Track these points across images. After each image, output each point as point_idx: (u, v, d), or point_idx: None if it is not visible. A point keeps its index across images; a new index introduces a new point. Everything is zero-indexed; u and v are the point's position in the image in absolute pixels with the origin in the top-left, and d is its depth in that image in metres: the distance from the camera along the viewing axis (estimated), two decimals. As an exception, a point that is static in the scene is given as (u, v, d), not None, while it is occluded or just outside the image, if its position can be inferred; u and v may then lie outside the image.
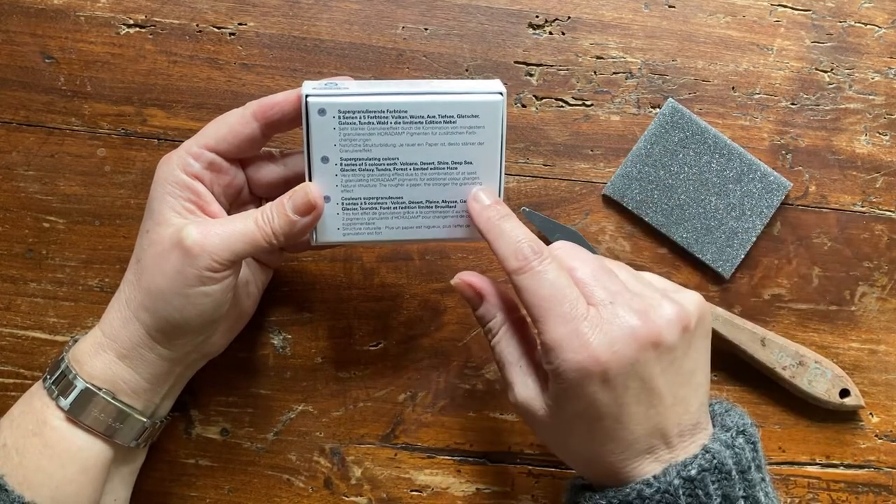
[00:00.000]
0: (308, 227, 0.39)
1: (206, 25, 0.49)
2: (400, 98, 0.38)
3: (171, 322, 0.38)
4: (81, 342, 0.40)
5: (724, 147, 0.49)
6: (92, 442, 0.39)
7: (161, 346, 0.39)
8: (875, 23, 0.51)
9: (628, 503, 0.35)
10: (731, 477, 0.35)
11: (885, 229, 0.51)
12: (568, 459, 0.39)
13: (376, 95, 0.38)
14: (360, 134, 0.38)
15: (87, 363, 0.39)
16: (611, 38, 0.50)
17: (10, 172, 0.48)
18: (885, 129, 0.51)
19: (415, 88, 0.39)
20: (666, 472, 0.34)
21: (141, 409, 0.40)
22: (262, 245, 0.38)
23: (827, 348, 0.50)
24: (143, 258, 0.39)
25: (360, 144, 0.39)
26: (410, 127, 0.38)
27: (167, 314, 0.38)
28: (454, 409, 0.49)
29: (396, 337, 0.49)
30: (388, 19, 0.49)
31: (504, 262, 0.37)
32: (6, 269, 0.48)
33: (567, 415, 0.36)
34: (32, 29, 0.48)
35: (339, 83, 0.40)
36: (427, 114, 0.38)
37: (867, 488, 0.50)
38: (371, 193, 0.40)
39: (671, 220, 0.49)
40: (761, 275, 0.50)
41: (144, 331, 0.39)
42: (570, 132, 0.50)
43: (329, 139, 0.38)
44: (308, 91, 0.38)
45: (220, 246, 0.37)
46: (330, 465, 0.48)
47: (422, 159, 0.39)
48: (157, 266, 0.38)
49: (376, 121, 0.38)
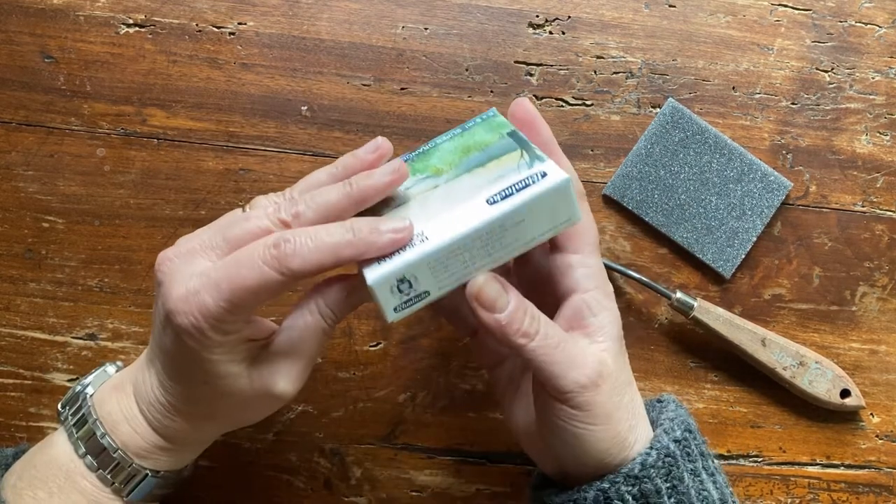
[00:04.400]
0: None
1: (205, 25, 0.49)
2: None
3: (237, 427, 0.40)
4: (125, 427, 0.38)
5: (725, 147, 0.49)
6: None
7: (221, 432, 0.41)
8: (875, 22, 0.51)
9: (634, 476, 0.36)
10: (697, 437, 0.38)
11: (886, 229, 0.51)
12: (562, 461, 0.39)
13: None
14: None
15: (149, 458, 0.38)
16: (611, 38, 0.50)
17: (10, 172, 0.48)
18: (886, 129, 0.51)
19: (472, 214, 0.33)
20: (658, 438, 0.37)
21: (183, 468, 0.41)
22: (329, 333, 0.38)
23: (827, 348, 0.50)
24: (209, 404, 0.36)
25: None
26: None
27: (236, 426, 0.40)
28: (454, 409, 0.49)
29: (396, 337, 0.49)
30: (388, 19, 0.49)
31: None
32: (6, 269, 0.48)
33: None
34: (32, 28, 0.48)
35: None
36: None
37: (868, 489, 0.50)
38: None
39: (671, 220, 0.49)
40: (762, 275, 0.50)
41: (207, 439, 0.40)
42: (571, 132, 0.50)
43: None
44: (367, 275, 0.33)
45: (305, 377, 0.37)
46: (330, 465, 0.48)
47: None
48: (238, 411, 0.37)
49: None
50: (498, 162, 0.35)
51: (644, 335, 0.49)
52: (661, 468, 0.36)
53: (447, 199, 0.35)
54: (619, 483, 0.36)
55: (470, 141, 0.38)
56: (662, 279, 0.50)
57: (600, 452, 0.37)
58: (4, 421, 0.48)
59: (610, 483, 0.36)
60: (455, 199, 0.34)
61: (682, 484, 0.36)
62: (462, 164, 0.36)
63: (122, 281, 0.48)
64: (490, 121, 0.39)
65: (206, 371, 0.35)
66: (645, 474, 0.36)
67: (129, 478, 0.38)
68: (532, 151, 0.35)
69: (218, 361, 0.34)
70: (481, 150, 0.36)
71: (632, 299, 0.49)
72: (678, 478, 0.36)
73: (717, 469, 0.39)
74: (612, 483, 0.36)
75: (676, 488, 0.36)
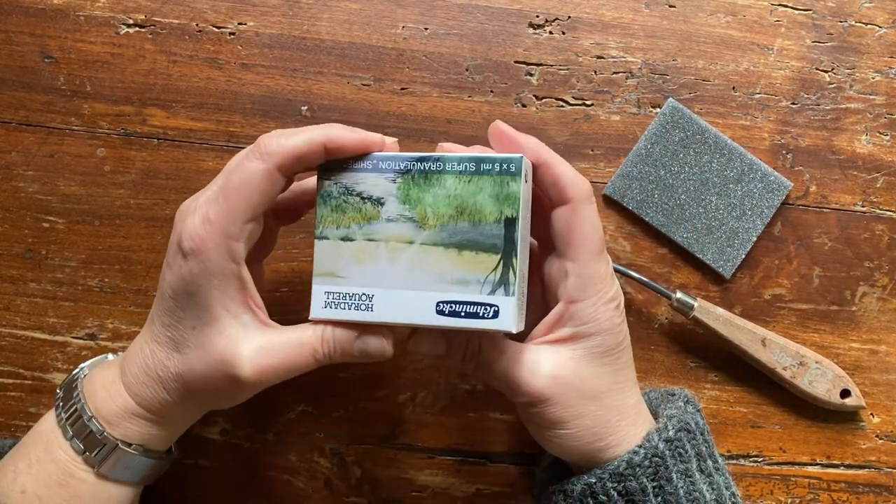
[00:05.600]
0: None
1: (205, 25, 0.49)
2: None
3: (218, 406, 0.40)
4: (102, 393, 0.38)
5: (725, 147, 0.49)
6: (122, 489, 0.39)
7: (199, 413, 0.41)
8: (875, 22, 0.51)
9: (619, 474, 0.37)
10: (697, 437, 0.38)
11: (886, 229, 0.51)
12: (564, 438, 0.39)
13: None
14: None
15: (119, 425, 0.38)
16: (611, 38, 0.50)
17: (10, 172, 0.48)
18: (886, 129, 0.51)
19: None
20: (649, 438, 0.37)
21: (169, 450, 0.41)
22: (312, 369, 0.38)
23: (827, 348, 0.50)
24: (189, 359, 0.36)
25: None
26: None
27: (215, 406, 0.40)
28: (454, 409, 0.49)
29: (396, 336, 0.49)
30: (388, 19, 0.49)
31: (564, 185, 0.37)
32: (6, 269, 0.48)
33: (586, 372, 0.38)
34: (32, 29, 0.48)
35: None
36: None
37: (868, 489, 0.50)
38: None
39: (671, 220, 0.49)
40: (762, 275, 0.50)
41: (192, 410, 0.40)
42: (571, 132, 0.50)
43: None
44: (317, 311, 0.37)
45: (273, 380, 0.37)
46: (330, 465, 0.48)
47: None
48: (204, 381, 0.37)
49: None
50: (474, 258, 0.35)
51: (644, 335, 0.49)
52: (648, 468, 0.37)
53: (411, 271, 0.36)
54: (604, 479, 0.37)
55: (470, 200, 0.36)
56: (662, 279, 0.50)
57: (573, 452, 0.38)
58: (4, 421, 0.48)
59: (596, 479, 0.37)
60: (415, 279, 0.36)
61: (669, 484, 0.37)
62: (446, 231, 0.36)
63: (122, 281, 0.48)
64: (505, 181, 0.36)
65: (199, 307, 0.35)
66: (630, 473, 0.36)
67: (100, 446, 0.37)
68: (507, 268, 0.35)
69: (214, 295, 0.35)
70: (472, 224, 0.36)
71: (632, 299, 0.49)
72: (665, 478, 0.37)
73: (718, 470, 0.39)
74: (598, 479, 0.37)
75: (663, 488, 0.37)
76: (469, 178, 0.36)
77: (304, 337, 0.37)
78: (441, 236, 0.36)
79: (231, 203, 0.35)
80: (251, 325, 0.36)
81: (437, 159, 0.36)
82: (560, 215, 0.37)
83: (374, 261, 0.37)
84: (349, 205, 0.37)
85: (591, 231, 0.37)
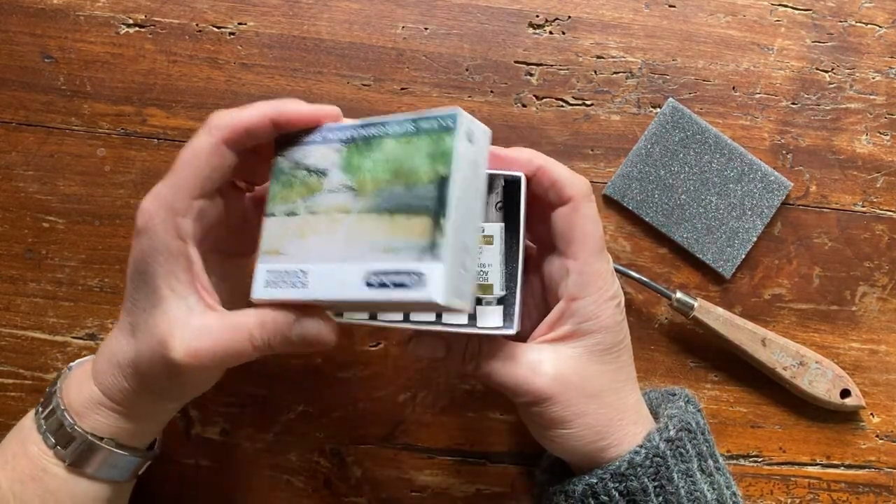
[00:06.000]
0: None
1: (205, 25, 0.49)
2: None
3: (178, 399, 0.40)
4: (75, 386, 0.38)
5: (725, 147, 0.49)
6: (96, 486, 0.38)
7: (168, 403, 0.40)
8: (876, 22, 0.51)
9: (621, 474, 0.37)
10: (697, 437, 0.38)
11: (886, 229, 0.51)
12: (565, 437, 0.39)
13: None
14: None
15: (88, 417, 0.37)
16: (611, 38, 0.50)
17: (10, 172, 0.48)
18: (886, 129, 0.51)
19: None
20: (650, 437, 0.37)
21: (143, 446, 0.40)
22: (252, 358, 0.36)
23: (827, 348, 0.50)
24: (139, 342, 0.36)
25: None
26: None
27: (173, 396, 0.39)
28: (454, 409, 0.49)
29: (396, 337, 0.49)
30: (388, 19, 0.49)
31: (562, 186, 0.37)
32: (6, 269, 0.48)
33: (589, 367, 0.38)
34: (32, 29, 0.48)
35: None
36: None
37: (868, 489, 0.50)
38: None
39: (671, 220, 0.49)
40: (762, 275, 0.50)
41: (145, 402, 0.38)
42: (571, 132, 0.50)
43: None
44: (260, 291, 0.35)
45: (210, 365, 0.35)
46: (330, 465, 0.48)
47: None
48: (148, 366, 0.35)
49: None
50: (406, 222, 0.32)
51: (644, 335, 0.49)
52: (649, 467, 0.37)
53: (344, 242, 0.34)
54: (606, 479, 0.37)
55: (406, 163, 0.33)
56: (662, 279, 0.50)
57: (574, 452, 0.38)
58: (4, 421, 0.47)
59: (598, 479, 0.37)
60: (347, 251, 0.33)
61: (670, 484, 0.37)
62: (381, 196, 0.33)
63: (122, 281, 0.48)
64: (440, 138, 0.32)
65: (148, 287, 0.35)
66: (632, 473, 0.36)
67: (70, 439, 0.37)
68: (436, 231, 0.31)
69: (160, 274, 0.34)
70: (406, 187, 0.33)
71: (632, 299, 0.49)
72: (667, 478, 0.37)
73: (719, 470, 0.39)
74: (599, 479, 0.37)
75: (664, 488, 0.37)
76: (408, 139, 0.33)
77: (243, 321, 0.35)
78: (376, 202, 0.33)
79: (178, 178, 0.35)
80: (195, 308, 0.35)
81: (380, 123, 0.34)
82: (560, 214, 0.37)
83: (315, 235, 0.35)
84: (297, 179, 0.36)
85: (592, 229, 0.37)
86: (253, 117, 0.35)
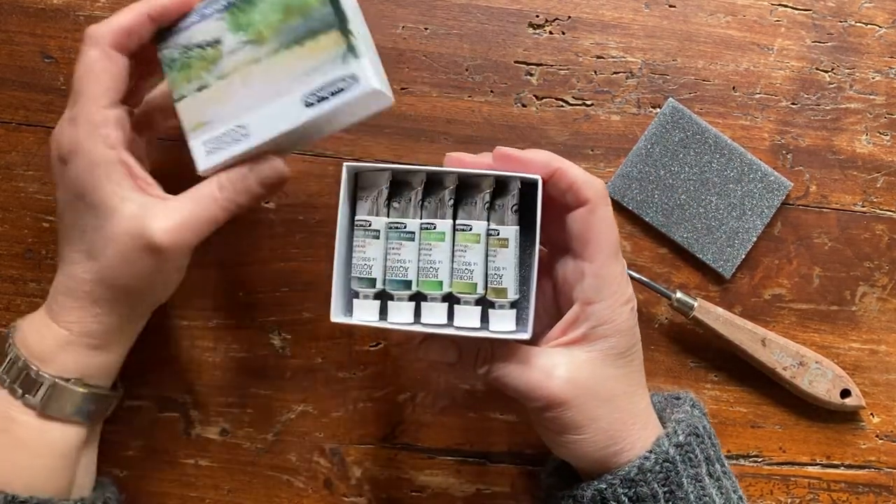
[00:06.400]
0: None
1: (205, 25, 0.49)
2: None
3: (150, 305, 0.40)
4: (34, 335, 0.38)
5: (725, 147, 0.49)
6: (67, 429, 0.39)
7: (135, 324, 0.40)
8: (875, 22, 0.51)
9: (631, 479, 0.36)
10: (705, 441, 0.38)
11: (886, 229, 0.51)
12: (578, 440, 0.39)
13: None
14: None
15: (55, 360, 0.38)
16: (611, 38, 0.50)
17: (10, 172, 0.48)
18: (886, 129, 0.51)
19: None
20: (659, 443, 0.37)
21: (108, 385, 0.40)
22: (223, 220, 0.38)
23: (827, 348, 0.50)
24: (103, 257, 0.37)
25: None
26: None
27: (146, 302, 0.40)
28: (454, 409, 0.49)
29: (396, 337, 0.49)
30: (388, 19, 0.49)
31: (580, 188, 0.37)
32: (6, 269, 0.48)
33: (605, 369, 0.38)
34: (32, 29, 0.48)
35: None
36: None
37: (868, 489, 0.50)
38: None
39: (671, 220, 0.49)
40: (762, 275, 0.50)
41: (119, 321, 0.39)
42: (571, 132, 0.50)
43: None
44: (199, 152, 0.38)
45: (190, 237, 0.37)
46: (330, 465, 0.48)
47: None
48: (127, 268, 0.37)
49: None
50: (315, 44, 0.37)
51: (644, 335, 0.49)
52: (659, 473, 0.36)
53: (267, 85, 0.37)
54: (615, 485, 0.37)
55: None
56: (662, 279, 0.50)
57: (586, 457, 0.38)
58: (4, 421, 0.47)
59: (607, 484, 0.37)
60: (274, 89, 0.37)
61: (679, 489, 0.36)
62: (283, 33, 0.37)
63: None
64: None
65: (94, 206, 0.36)
66: (641, 478, 0.36)
67: (37, 386, 0.37)
68: (347, 36, 0.36)
69: (103, 187, 0.36)
70: (302, 17, 0.37)
71: (632, 299, 0.49)
72: (676, 483, 0.36)
73: (726, 474, 0.39)
74: (608, 484, 0.37)
75: (674, 493, 0.36)
76: None
77: (203, 191, 0.37)
78: (280, 41, 0.37)
79: (83, 96, 0.37)
80: (149, 202, 0.37)
81: None
82: (577, 216, 0.37)
83: (233, 94, 0.38)
84: (192, 58, 0.39)
85: (608, 232, 0.37)
86: (130, 17, 0.37)
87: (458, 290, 0.37)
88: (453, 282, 0.37)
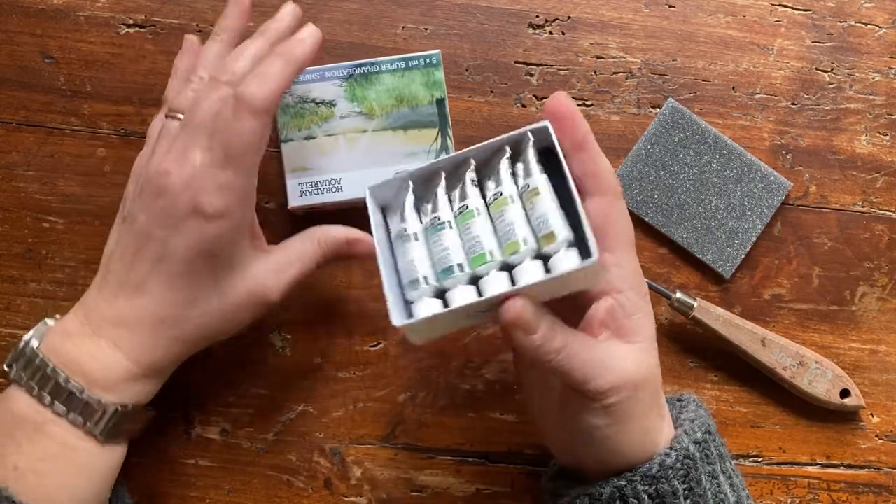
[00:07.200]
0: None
1: (206, 25, 0.49)
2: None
3: (219, 340, 0.42)
4: (94, 363, 0.38)
5: (725, 147, 0.49)
6: (119, 449, 0.40)
7: (192, 353, 0.42)
8: (875, 23, 0.51)
9: (652, 476, 0.36)
10: (717, 439, 0.38)
11: (886, 229, 0.51)
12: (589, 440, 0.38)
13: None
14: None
15: (118, 391, 0.39)
16: (611, 38, 0.50)
17: (10, 172, 0.48)
18: (886, 129, 0.51)
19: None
20: (678, 440, 0.37)
21: (148, 404, 0.42)
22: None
23: (827, 348, 0.50)
24: (211, 308, 0.39)
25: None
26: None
27: (219, 338, 0.41)
28: (454, 409, 0.49)
29: (396, 337, 0.49)
30: (388, 19, 0.49)
31: (604, 178, 0.36)
32: (6, 269, 0.48)
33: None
34: (32, 29, 0.48)
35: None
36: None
37: (867, 489, 0.50)
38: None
39: (671, 220, 0.49)
40: (761, 275, 0.50)
41: (186, 356, 0.41)
42: (571, 132, 0.50)
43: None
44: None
45: (291, 287, 0.41)
46: (330, 465, 0.48)
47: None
48: (231, 319, 0.40)
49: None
50: (418, 134, 0.46)
51: (644, 335, 0.49)
52: (680, 469, 0.36)
53: (368, 155, 0.45)
54: (636, 482, 0.36)
55: (406, 90, 0.46)
56: (662, 279, 0.50)
57: (624, 454, 0.37)
58: (4, 421, 0.47)
59: (627, 481, 0.36)
60: (374, 160, 0.45)
61: (699, 486, 0.36)
62: (391, 117, 0.46)
63: (122, 281, 0.48)
64: (430, 72, 0.46)
65: (221, 262, 0.39)
66: (663, 475, 0.36)
67: (101, 416, 0.38)
68: (445, 136, 0.46)
69: (237, 249, 0.39)
70: (411, 108, 0.46)
71: (632, 299, 0.49)
72: (696, 480, 0.36)
73: (735, 471, 0.39)
74: (629, 481, 0.36)
75: (693, 490, 0.36)
76: (401, 73, 0.46)
77: (305, 249, 0.42)
78: (388, 122, 0.46)
79: (245, 166, 0.38)
80: (261, 259, 0.41)
81: (372, 63, 0.46)
82: (597, 205, 0.36)
83: (336, 151, 0.45)
84: (306, 110, 0.45)
85: (627, 226, 0.37)
86: (282, 83, 0.38)
87: (509, 253, 0.35)
88: (504, 248, 0.36)
